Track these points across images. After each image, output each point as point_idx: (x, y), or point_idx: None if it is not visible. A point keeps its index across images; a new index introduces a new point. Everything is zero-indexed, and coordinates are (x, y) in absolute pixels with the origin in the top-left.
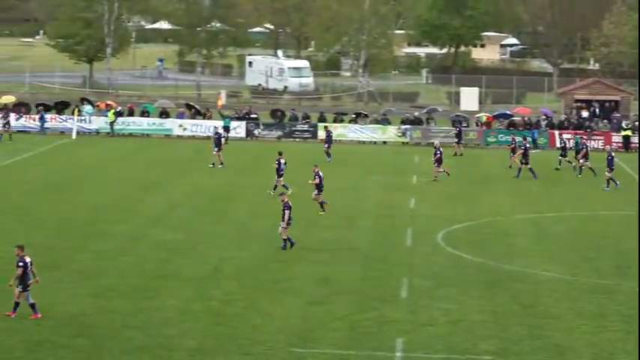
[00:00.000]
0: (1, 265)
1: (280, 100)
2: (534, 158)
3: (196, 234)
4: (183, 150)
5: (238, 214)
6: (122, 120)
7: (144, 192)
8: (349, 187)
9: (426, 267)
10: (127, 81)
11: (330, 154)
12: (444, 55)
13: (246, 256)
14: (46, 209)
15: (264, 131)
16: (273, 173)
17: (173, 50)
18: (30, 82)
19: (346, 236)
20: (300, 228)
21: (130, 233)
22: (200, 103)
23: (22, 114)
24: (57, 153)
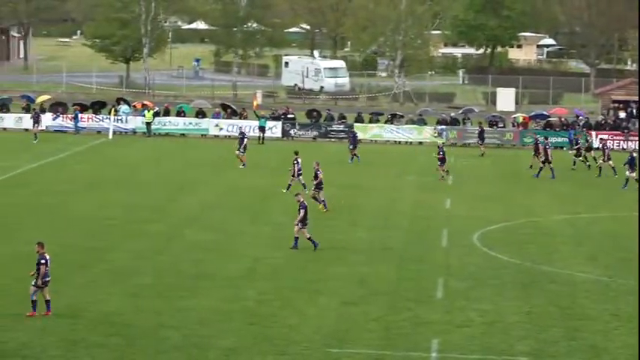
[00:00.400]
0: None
1: (316, 101)
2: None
3: (232, 234)
4: (219, 150)
5: (274, 214)
6: (158, 120)
7: (180, 192)
8: (385, 188)
9: (462, 268)
10: (163, 81)
11: (354, 156)
12: (481, 55)
13: (281, 256)
14: (83, 209)
15: (300, 131)
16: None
17: (209, 50)
18: (67, 82)
19: (382, 237)
20: (336, 229)
21: (166, 233)
22: (236, 103)
23: (59, 114)
24: (93, 153)
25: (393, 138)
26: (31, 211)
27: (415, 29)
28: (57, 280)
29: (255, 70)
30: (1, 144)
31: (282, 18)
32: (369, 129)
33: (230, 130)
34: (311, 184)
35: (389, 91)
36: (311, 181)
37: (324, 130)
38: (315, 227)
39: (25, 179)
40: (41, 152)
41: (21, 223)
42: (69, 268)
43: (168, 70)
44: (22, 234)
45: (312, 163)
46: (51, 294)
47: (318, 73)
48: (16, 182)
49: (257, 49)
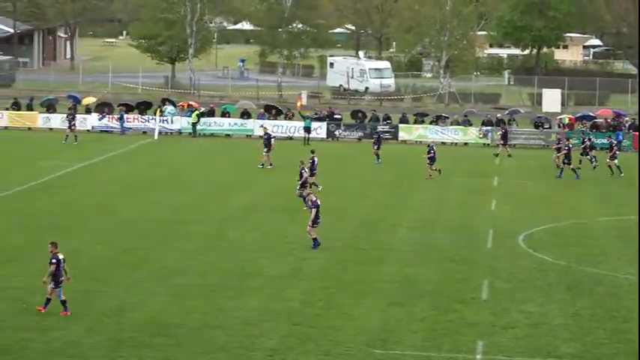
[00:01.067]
0: (86, 263)
1: (361, 101)
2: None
3: (277, 234)
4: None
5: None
6: (204, 120)
7: (225, 192)
8: (430, 189)
9: (507, 269)
10: (208, 81)
11: (378, 156)
12: (526, 56)
13: (325, 256)
14: (129, 209)
15: (345, 132)
16: (354, 174)
17: (254, 51)
18: (113, 83)
19: (427, 237)
20: (381, 229)
21: (211, 233)
22: (281, 103)
23: (105, 114)
24: (139, 153)
25: (438, 139)
26: (78, 211)
27: (460, 30)
28: (104, 280)
29: (300, 70)
30: (48, 144)
31: (327, 19)
32: (414, 130)
33: (275, 131)
34: (296, 183)
35: (434, 92)
36: (296, 181)
37: (369, 130)
38: (359, 228)
39: (72, 179)
40: (87, 152)
41: (69, 223)
42: (115, 269)
43: (214, 70)
44: (70, 234)
45: (300, 163)
46: (66, 294)
47: (363, 73)
48: (63, 182)
49: (302, 49)
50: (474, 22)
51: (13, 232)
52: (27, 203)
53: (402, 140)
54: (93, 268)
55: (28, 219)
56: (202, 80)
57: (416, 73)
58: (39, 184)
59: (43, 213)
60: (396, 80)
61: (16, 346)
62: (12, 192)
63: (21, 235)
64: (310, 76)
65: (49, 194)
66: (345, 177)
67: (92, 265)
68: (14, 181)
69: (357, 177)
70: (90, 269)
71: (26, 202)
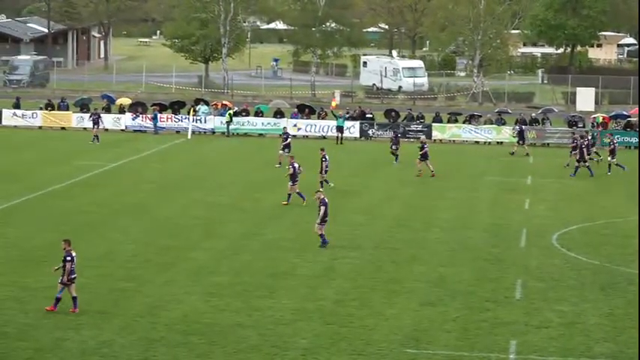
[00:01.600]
0: (121, 262)
1: (394, 100)
2: None
3: (309, 233)
4: (297, 150)
5: (351, 213)
6: (237, 120)
7: (259, 191)
8: (463, 188)
9: (541, 268)
10: (242, 81)
11: (398, 156)
12: (560, 55)
13: (358, 255)
14: (162, 207)
15: (379, 131)
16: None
17: (288, 50)
18: (146, 82)
19: (460, 237)
20: (414, 229)
21: (244, 232)
22: (314, 102)
23: (139, 114)
24: (173, 153)
25: (472, 138)
26: (113, 210)
27: (494, 29)
28: (138, 279)
29: (333, 69)
30: (82, 143)
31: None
32: (448, 129)
33: (308, 130)
34: (287, 178)
35: (467, 91)
36: (286, 176)
37: (402, 130)
38: (392, 227)
39: (107, 178)
40: (122, 152)
41: (103, 223)
42: (149, 268)
43: (247, 70)
44: (105, 233)
45: (288, 159)
46: (77, 291)
47: (397, 72)
48: (97, 181)
49: (335, 48)
50: (508, 20)
51: (47, 231)
52: (62, 202)
53: (435, 139)
54: (127, 267)
55: (63, 218)
56: (235, 80)
57: (449, 72)
58: (73, 183)
59: (78, 212)
60: (429, 79)
61: (50, 345)
62: (46, 191)
63: (54, 234)
64: (343, 76)
65: (83, 193)
66: (378, 176)
67: (126, 264)
68: (49, 180)
69: (390, 176)
70: (124, 268)
71: (61, 201)
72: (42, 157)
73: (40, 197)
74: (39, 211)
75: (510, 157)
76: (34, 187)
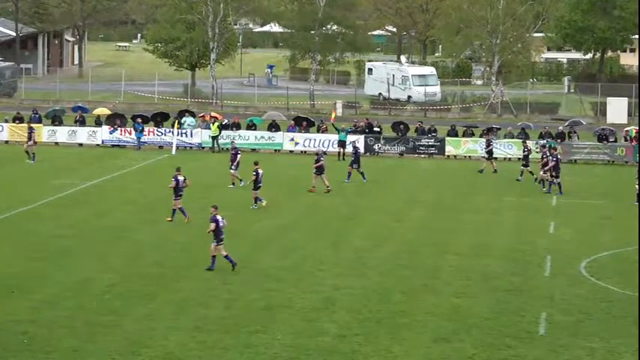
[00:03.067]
0: (98, 292)
1: (403, 112)
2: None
3: (308, 260)
4: (294, 167)
5: (355, 238)
6: (227, 134)
7: (251, 213)
8: (480, 210)
9: (568, 300)
10: (232, 90)
11: (358, 173)
12: (589, 61)
13: (363, 285)
14: (144, 231)
15: (386, 146)
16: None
17: (284, 56)
18: (126, 91)
19: (477, 264)
20: (425, 254)
21: (237, 259)
22: (313, 114)
23: (117, 126)
24: (156, 170)
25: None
26: (89, 234)
27: (515, 31)
28: (116, 311)
29: (334, 77)
30: (55, 160)
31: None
32: (463, 143)
33: (307, 145)
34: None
35: (485, 101)
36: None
37: (412, 144)
38: (400, 253)
39: (83, 199)
40: (99, 169)
41: (79, 248)
42: (130, 299)
43: (238, 77)
44: (80, 259)
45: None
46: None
47: (406, 80)
48: (72, 202)
49: (337, 54)
50: (530, 22)
51: (17, 258)
52: (32, 226)
53: (449, 155)
54: (104, 298)
55: (34, 243)
56: (225, 89)
57: (464, 80)
58: (45, 204)
59: (50, 237)
60: (442, 88)
61: None
62: (15, 213)
63: (24, 262)
64: (346, 84)
65: (56, 215)
66: (385, 196)
67: (103, 294)
68: (18, 201)
69: (398, 196)
70: (101, 300)
71: (31, 225)
72: (10, 175)
73: (9, 220)
74: (7, 235)
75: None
76: (0, 209)
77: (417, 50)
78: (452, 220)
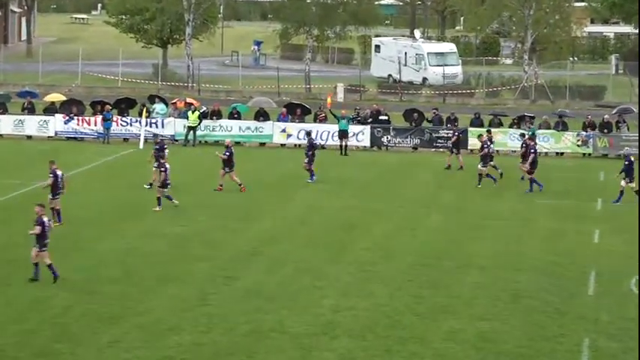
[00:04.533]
0: (50, 315)
1: (417, 97)
2: None
3: (303, 275)
4: (286, 163)
5: (360, 250)
6: (205, 124)
7: (236, 219)
8: (509, 215)
9: (615, 323)
10: (212, 71)
11: (313, 173)
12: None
13: (369, 306)
14: (106, 240)
15: (396, 138)
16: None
17: (274, 30)
18: (84, 73)
19: (507, 280)
20: (444, 269)
21: (217, 274)
22: (309, 100)
23: (73, 115)
24: (120, 167)
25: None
26: None
27: (552, 0)
28: (72, 338)
29: (335, 56)
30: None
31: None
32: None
33: (302, 138)
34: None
35: (516, 85)
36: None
37: (427, 137)
38: (414, 267)
39: (31, 203)
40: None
41: (27, 262)
42: (88, 323)
43: (219, 56)
44: (29, 276)
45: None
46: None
47: (421, 60)
48: (21, 206)
49: (338, 27)
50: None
51: None
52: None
53: (472, 149)
54: (58, 322)
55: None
56: (204, 70)
57: (491, 58)
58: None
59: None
60: (464, 69)
61: None
62: None
63: None
64: (349, 64)
65: (1, 221)
66: (395, 198)
67: (57, 318)
68: None
69: (411, 198)
70: (54, 324)
71: None
72: None
73: None
74: None
75: (566, 173)
76: None
77: (433, 23)
78: (475, 226)
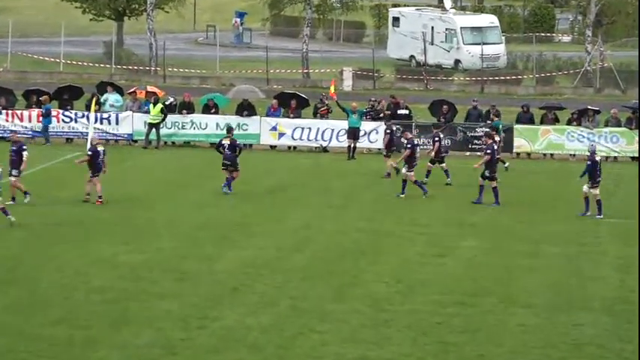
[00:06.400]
0: None
1: (448, 85)
2: None
3: (299, 315)
4: (280, 172)
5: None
6: (172, 119)
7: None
8: (564, 237)
9: None
10: (181, 51)
11: (231, 186)
12: None
13: (386, 356)
14: (43, 271)
15: (420, 138)
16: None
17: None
18: (14, 53)
19: (564, 323)
20: (481, 308)
21: (183, 315)
22: (308, 89)
23: (1, 109)
24: (61, 176)
25: (583, 150)
26: None
27: None
28: None
29: (341, 32)
30: None
31: None
32: (541, 134)
33: (298, 138)
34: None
35: (576, 69)
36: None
37: (461, 136)
38: (443, 304)
39: None
40: None
41: None
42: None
43: (191, 32)
44: None
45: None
46: None
47: (452, 36)
48: None
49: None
50: None
51: None
52: None
53: (519, 152)
54: None
55: None
56: (171, 49)
57: (544, 35)
58: None
59: None
60: (509, 48)
61: None
62: None
63: None
64: (359, 42)
65: None
66: (417, 218)
67: None
68: None
69: (438, 218)
70: None
71: None
72: None
73: None
74: None
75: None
76: None
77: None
78: (522, 253)
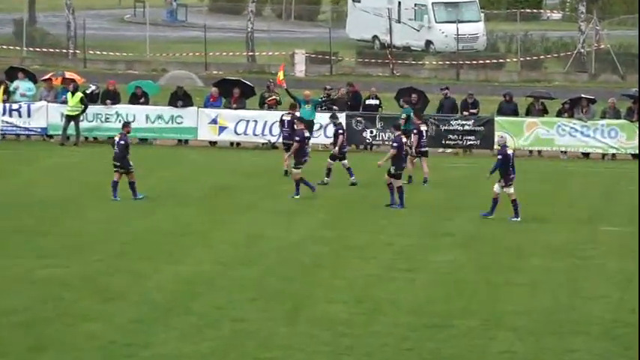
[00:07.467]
0: None
1: (418, 70)
2: None
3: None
4: (219, 169)
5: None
6: (94, 111)
7: (145, 257)
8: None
9: None
10: (104, 31)
11: (116, 192)
12: None
13: None
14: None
15: (385, 132)
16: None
17: None
18: None
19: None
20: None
21: (108, 340)
22: (253, 75)
23: None
24: None
25: (576, 146)
26: None
27: None
28: None
29: (292, 8)
30: None
31: None
32: (527, 128)
33: (242, 132)
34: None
35: (567, 51)
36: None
37: (433, 130)
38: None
39: None
40: None
41: None
42: None
43: (115, 8)
44: None
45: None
46: None
47: (422, 13)
48: None
49: None
50: None
51: None
52: None
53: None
54: None
55: None
56: (92, 29)
57: (530, 12)
58: None
59: None
60: (489, 26)
61: None
62: None
63: None
64: (314, 20)
65: None
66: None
67: None
68: None
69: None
70: None
71: None
72: None
73: None
74: None
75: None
76: None
77: None
78: (504, 267)
